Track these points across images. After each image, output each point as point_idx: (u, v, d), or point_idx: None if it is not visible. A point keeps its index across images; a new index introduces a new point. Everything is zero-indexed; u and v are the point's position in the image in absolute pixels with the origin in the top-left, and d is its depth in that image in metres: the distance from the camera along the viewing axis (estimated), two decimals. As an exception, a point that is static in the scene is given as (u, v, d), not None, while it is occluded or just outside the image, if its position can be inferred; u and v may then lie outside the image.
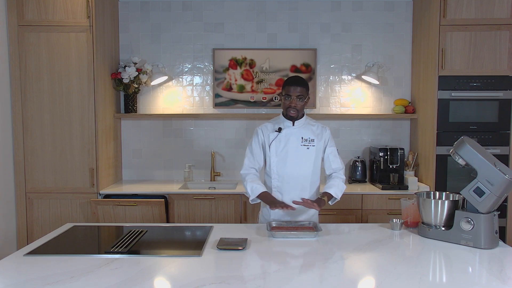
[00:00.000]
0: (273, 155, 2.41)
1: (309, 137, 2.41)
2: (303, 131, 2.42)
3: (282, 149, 2.40)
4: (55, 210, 3.32)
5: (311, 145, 2.41)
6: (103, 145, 3.42)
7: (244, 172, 2.44)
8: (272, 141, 2.41)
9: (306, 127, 2.43)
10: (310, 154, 2.41)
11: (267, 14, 3.81)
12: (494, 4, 3.26)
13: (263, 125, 2.48)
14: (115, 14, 3.75)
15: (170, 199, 3.31)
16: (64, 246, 2.01)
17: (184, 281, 1.54)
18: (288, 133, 2.41)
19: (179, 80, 3.87)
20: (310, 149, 2.40)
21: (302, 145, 2.40)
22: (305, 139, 2.40)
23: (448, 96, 3.33)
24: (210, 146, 3.87)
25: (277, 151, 2.41)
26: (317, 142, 2.42)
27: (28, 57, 3.24)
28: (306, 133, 2.42)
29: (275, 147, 2.41)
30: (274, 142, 2.41)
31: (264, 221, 2.47)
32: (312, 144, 2.41)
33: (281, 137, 2.41)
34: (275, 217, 2.41)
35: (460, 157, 1.99)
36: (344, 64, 3.85)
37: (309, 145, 2.40)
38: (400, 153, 3.51)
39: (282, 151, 2.40)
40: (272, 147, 2.41)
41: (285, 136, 2.41)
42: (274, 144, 2.41)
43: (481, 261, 1.78)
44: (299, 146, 2.40)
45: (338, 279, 1.58)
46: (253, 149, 2.45)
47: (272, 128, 2.44)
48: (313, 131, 2.43)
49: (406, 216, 2.23)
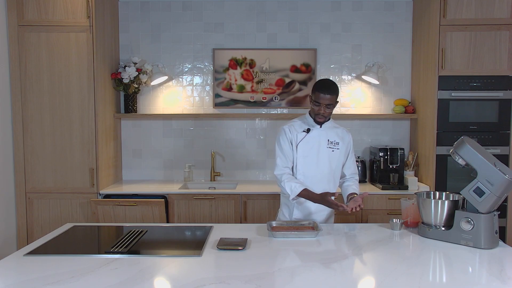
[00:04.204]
0: (301, 155, 2.41)
1: (335, 140, 2.42)
2: (329, 133, 2.43)
3: (309, 149, 2.40)
4: (55, 210, 3.32)
5: (336, 148, 2.42)
6: (103, 145, 3.42)
7: (279, 172, 2.40)
8: (300, 141, 2.41)
9: (332, 129, 2.44)
10: (335, 156, 2.42)
11: (267, 14, 3.81)
12: (494, 4, 3.26)
13: (290, 124, 2.45)
14: (115, 14, 3.75)
15: (170, 199, 3.31)
16: (64, 246, 2.01)
17: (184, 281, 1.54)
18: (315, 135, 2.41)
19: (179, 80, 3.87)
20: (335, 151, 2.42)
21: (328, 147, 2.41)
22: (331, 141, 2.42)
23: (448, 96, 3.33)
24: (210, 146, 3.87)
25: (304, 151, 2.40)
26: (342, 145, 2.44)
27: (28, 57, 3.24)
28: (332, 135, 2.43)
29: (303, 147, 2.40)
30: (302, 143, 2.41)
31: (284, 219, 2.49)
32: (337, 147, 2.42)
33: (309, 138, 2.41)
34: (297, 216, 2.44)
35: (460, 157, 1.99)
36: (344, 64, 3.85)
37: (334, 148, 2.42)
38: (400, 153, 3.51)
39: (310, 152, 2.40)
40: (300, 147, 2.41)
41: (312, 137, 2.41)
42: (302, 145, 2.41)
43: (481, 261, 1.78)
44: (325, 148, 2.41)
45: (338, 279, 1.58)
46: (283, 149, 2.42)
47: (300, 128, 2.43)
48: (338, 134, 2.45)
49: (406, 216, 2.23)
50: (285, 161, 2.41)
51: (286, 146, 2.42)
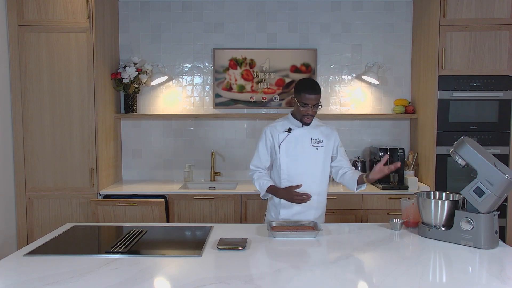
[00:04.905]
0: (283, 155, 2.42)
1: (318, 138, 2.42)
2: (312, 131, 2.43)
3: (292, 149, 2.41)
4: (55, 210, 3.32)
5: (320, 146, 2.42)
6: (103, 145, 3.42)
7: (251, 173, 2.49)
8: (282, 142, 2.41)
9: (315, 127, 2.44)
10: (319, 154, 2.42)
11: (267, 14, 3.81)
12: (494, 4, 3.26)
13: (272, 126, 2.47)
14: (115, 14, 3.75)
15: (170, 199, 3.31)
16: (64, 246, 2.01)
17: (184, 281, 1.54)
18: (297, 134, 2.42)
19: (179, 80, 3.87)
20: (319, 149, 2.41)
21: (312, 146, 2.41)
22: (314, 139, 2.41)
23: (448, 96, 3.33)
24: (210, 146, 3.87)
25: (287, 151, 2.41)
26: (326, 142, 2.43)
27: (28, 57, 3.24)
28: (315, 133, 2.42)
29: (286, 147, 2.41)
30: (284, 142, 2.41)
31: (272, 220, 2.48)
32: (321, 144, 2.42)
33: (291, 138, 2.41)
34: (284, 216, 2.43)
35: (460, 157, 1.99)
36: (344, 64, 3.85)
37: (318, 145, 2.41)
38: (400, 153, 3.51)
39: (293, 152, 2.41)
40: (283, 147, 2.41)
41: (295, 137, 2.41)
42: (284, 145, 2.41)
43: (481, 261, 1.78)
44: (308, 146, 2.41)
45: (338, 279, 1.58)
46: (259, 151, 2.47)
47: (282, 128, 2.44)
48: (322, 131, 2.45)
49: (406, 216, 2.23)
50: (259, 162, 2.46)
51: (263, 149, 2.46)
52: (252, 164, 2.49)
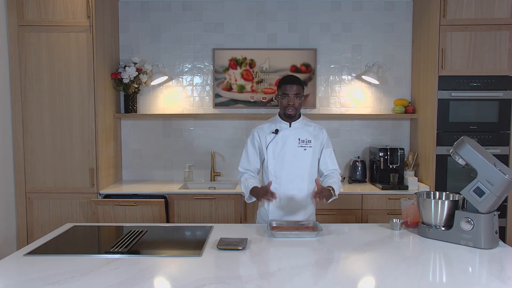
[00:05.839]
0: (271, 157, 2.42)
1: (306, 138, 2.41)
2: (300, 132, 2.42)
3: (279, 150, 2.40)
4: (55, 210, 3.32)
5: (308, 146, 2.41)
6: (103, 145, 3.42)
7: (240, 175, 2.50)
8: (269, 143, 2.42)
9: (303, 128, 2.43)
10: (307, 155, 2.40)
11: (267, 14, 3.81)
12: (494, 4, 3.26)
13: (259, 127, 2.47)
14: (115, 14, 3.75)
15: (170, 199, 3.31)
16: (64, 246, 2.01)
17: (184, 281, 1.54)
18: (285, 135, 2.41)
19: (179, 80, 3.87)
20: (307, 150, 2.40)
21: (299, 147, 2.40)
22: (302, 140, 2.41)
23: (448, 96, 3.33)
24: (210, 146, 3.87)
25: (274, 152, 2.41)
26: (314, 142, 2.42)
27: (28, 57, 3.24)
28: (303, 134, 2.42)
29: (273, 148, 2.41)
30: (272, 144, 2.41)
31: (262, 221, 2.48)
32: (309, 145, 2.41)
33: (278, 139, 2.41)
34: (273, 217, 2.42)
35: (460, 157, 1.99)
36: (344, 64, 3.85)
37: (306, 146, 2.40)
38: (400, 153, 3.51)
39: (280, 153, 2.40)
40: (270, 149, 2.41)
41: (282, 138, 2.41)
42: (271, 146, 2.41)
43: (481, 261, 1.78)
44: (296, 147, 2.40)
45: (338, 279, 1.58)
46: (248, 153, 2.47)
47: (269, 129, 2.44)
48: (310, 132, 2.43)
49: (406, 216, 2.23)
50: (248, 164, 2.47)
51: (251, 151, 2.46)
52: (241, 166, 2.49)
